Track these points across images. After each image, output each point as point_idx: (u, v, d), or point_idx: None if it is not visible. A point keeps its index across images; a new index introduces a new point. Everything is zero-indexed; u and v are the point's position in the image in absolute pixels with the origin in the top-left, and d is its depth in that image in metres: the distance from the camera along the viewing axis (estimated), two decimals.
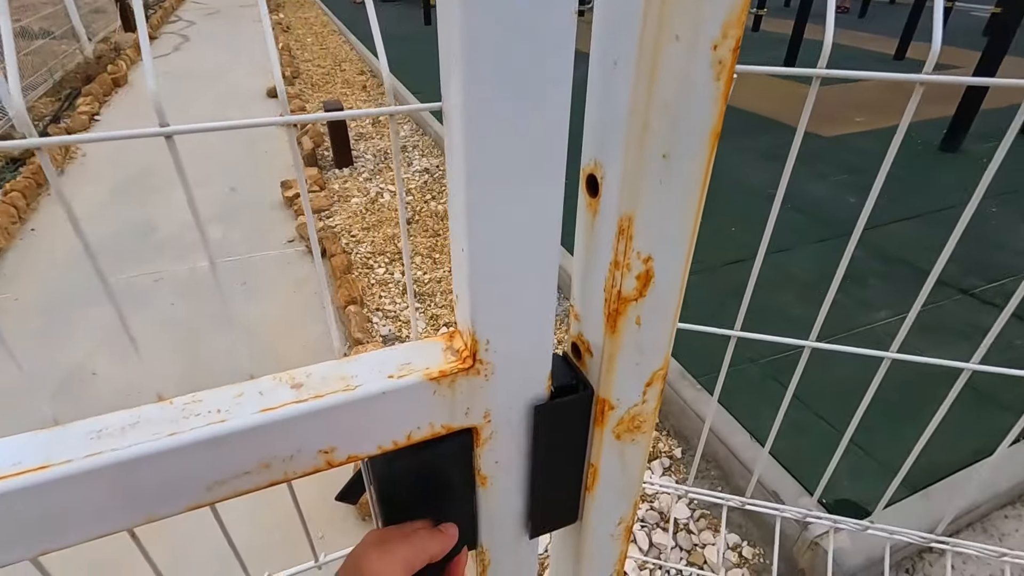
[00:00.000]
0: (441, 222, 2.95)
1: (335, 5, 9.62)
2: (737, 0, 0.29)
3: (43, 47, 5.33)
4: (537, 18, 0.28)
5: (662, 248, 0.36)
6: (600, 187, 0.36)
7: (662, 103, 0.31)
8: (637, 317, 0.39)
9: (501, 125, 0.31)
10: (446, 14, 0.28)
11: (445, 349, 0.40)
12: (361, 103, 4.82)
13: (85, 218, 3.00)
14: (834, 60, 6.07)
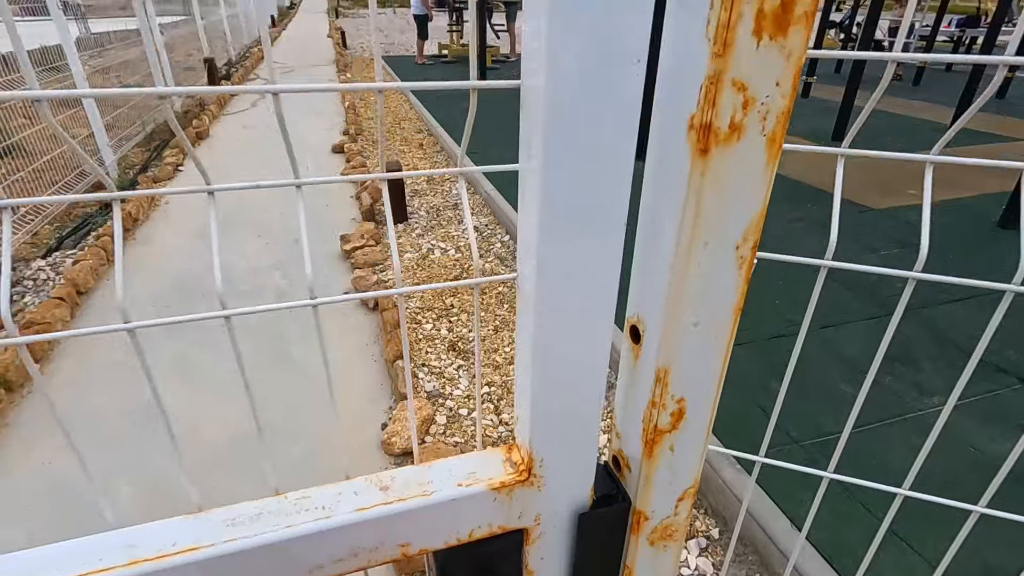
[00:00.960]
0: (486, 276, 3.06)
1: (397, 65, 10.29)
2: (755, 213, 0.37)
3: (139, 102, 5.92)
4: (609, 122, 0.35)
5: (693, 391, 0.43)
6: (641, 338, 0.44)
7: (694, 286, 0.38)
8: (671, 445, 0.45)
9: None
10: (531, 94, 0.35)
11: (504, 461, 0.48)
12: (418, 160, 5.10)
13: (165, 261, 3.27)
14: (886, 130, 6.03)
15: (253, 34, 14.38)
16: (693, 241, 0.36)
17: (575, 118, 0.33)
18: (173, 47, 7.39)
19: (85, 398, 2.20)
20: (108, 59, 5.58)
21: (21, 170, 3.70)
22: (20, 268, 3.27)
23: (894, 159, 0.54)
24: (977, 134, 5.82)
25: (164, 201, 4.10)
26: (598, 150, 0.34)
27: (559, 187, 0.35)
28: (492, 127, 5.74)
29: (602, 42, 0.31)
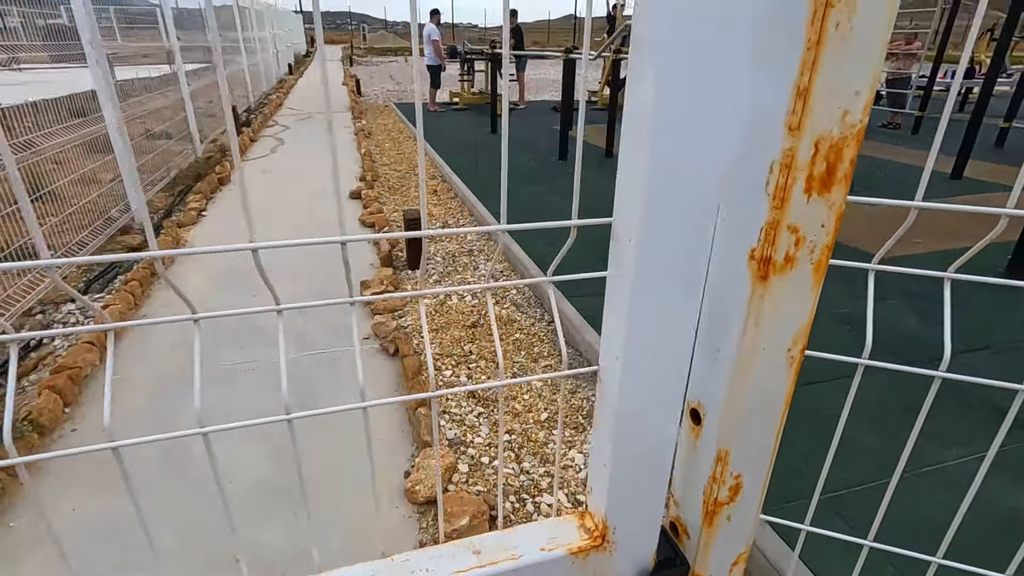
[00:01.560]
0: (505, 327, 3.13)
1: (411, 112, 10.66)
2: (803, 322, 0.44)
3: (164, 149, 6.16)
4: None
5: (749, 468, 0.50)
6: (702, 420, 0.51)
7: (752, 381, 0.45)
8: (728, 516, 0.51)
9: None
10: (623, 231, 0.42)
11: (579, 527, 0.54)
12: (432, 207, 5.25)
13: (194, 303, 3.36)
14: (887, 179, 6.18)
15: (271, 81, 14.95)
16: (753, 347, 0.44)
17: (661, 253, 0.41)
18: (195, 95, 7.71)
19: None
20: (134, 106, 5.83)
21: (52, 214, 3.85)
22: (49, 311, 3.37)
23: (881, 204, 0.59)
24: (980, 183, 5.95)
25: (189, 245, 4.22)
26: (675, 274, 0.42)
27: (645, 298, 0.42)
28: (511, 171, 5.92)
29: (686, 188, 0.40)
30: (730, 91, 0.37)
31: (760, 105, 0.37)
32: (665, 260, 0.41)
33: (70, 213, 4.05)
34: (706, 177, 0.39)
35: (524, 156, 7.18)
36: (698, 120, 0.38)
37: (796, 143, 0.37)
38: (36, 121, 3.89)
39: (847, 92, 0.36)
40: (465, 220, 4.90)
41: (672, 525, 0.57)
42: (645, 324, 0.44)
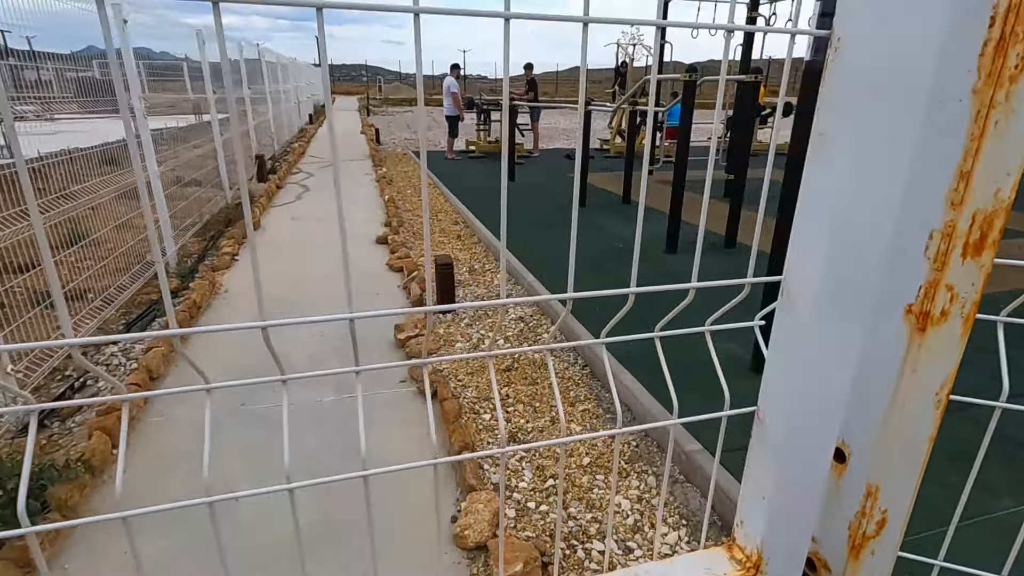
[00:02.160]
0: (539, 370, 3.17)
1: (430, 159, 10.99)
2: (951, 369, 0.50)
3: (196, 196, 6.38)
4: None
5: (894, 503, 0.54)
6: (847, 459, 0.55)
7: (901, 424, 0.51)
8: (873, 550, 0.56)
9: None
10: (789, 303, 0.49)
11: (729, 559, 0.58)
12: (457, 251, 5.37)
13: (228, 348, 3.44)
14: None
15: (293, 130, 15.52)
16: (907, 392, 0.49)
17: (827, 309, 0.47)
18: (224, 144, 8.03)
19: (161, 480, 2.27)
20: (163, 154, 6.07)
21: (91, 257, 3.97)
22: (91, 353, 3.45)
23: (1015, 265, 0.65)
24: None
25: (224, 290, 4.34)
26: (837, 327, 0.48)
27: (808, 348, 0.48)
28: (526, 216, 6.08)
29: (854, 252, 0.46)
30: (898, 174, 0.44)
31: (926, 185, 0.44)
32: (830, 315, 0.47)
33: (108, 257, 4.19)
34: (873, 244, 0.46)
35: (543, 202, 7.36)
36: (869, 198, 0.44)
37: (956, 216, 0.44)
38: (71, 171, 4.04)
39: (1000, 173, 0.43)
40: (491, 265, 5.00)
41: (809, 561, 0.61)
42: (806, 371, 0.49)
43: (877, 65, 0.42)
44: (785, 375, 0.49)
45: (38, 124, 4.13)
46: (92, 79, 4.62)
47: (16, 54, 3.87)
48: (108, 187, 4.34)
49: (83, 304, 3.74)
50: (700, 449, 2.36)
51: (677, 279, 4.45)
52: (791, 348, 0.48)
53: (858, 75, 0.43)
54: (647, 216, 5.50)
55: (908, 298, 0.47)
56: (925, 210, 0.45)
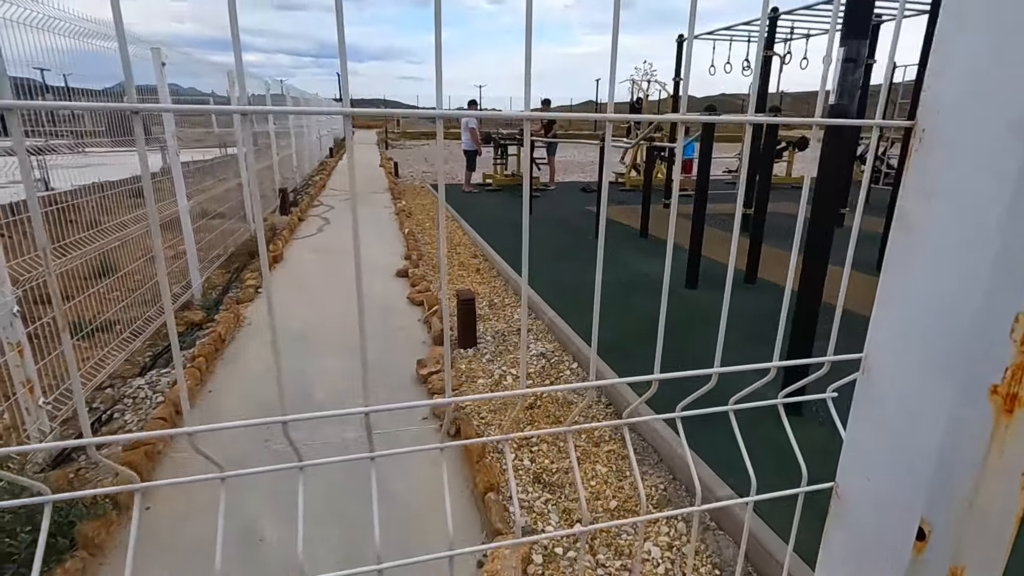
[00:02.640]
0: (562, 408, 3.14)
1: (447, 192, 11.17)
2: None
3: (225, 228, 6.53)
4: None
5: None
6: (927, 537, 0.54)
7: (986, 505, 0.50)
8: None
9: None
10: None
11: None
12: (477, 285, 5.40)
13: (252, 381, 3.46)
14: None
15: (314, 164, 15.91)
16: (993, 472, 0.48)
17: (909, 387, 0.47)
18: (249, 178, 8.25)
19: (184, 523, 2.27)
20: (191, 187, 6.22)
21: (119, 289, 4.04)
22: (118, 386, 3.49)
23: None
24: None
25: (248, 323, 4.39)
26: (919, 405, 0.48)
27: (889, 427, 0.48)
28: (545, 249, 6.11)
29: (936, 334, 0.46)
30: (984, 256, 0.45)
31: (1011, 267, 0.44)
32: (913, 393, 0.47)
33: (135, 290, 4.26)
34: (958, 324, 0.46)
35: (561, 235, 7.41)
36: (954, 280, 0.45)
37: None
38: (102, 204, 4.14)
39: None
40: (511, 299, 5.01)
41: None
42: (889, 448, 0.49)
43: (963, 153, 0.43)
44: (866, 452, 0.49)
45: (71, 157, 4.28)
46: (123, 114, 4.78)
47: (53, 90, 4.04)
48: (138, 223, 4.46)
49: (111, 336, 3.81)
50: (730, 495, 2.30)
51: (699, 315, 4.42)
52: (872, 425, 0.48)
53: (943, 162, 0.44)
54: (664, 251, 5.52)
55: (994, 379, 0.47)
56: (1011, 293, 0.45)
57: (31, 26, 2.84)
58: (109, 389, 3.45)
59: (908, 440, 0.49)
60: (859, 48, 2.30)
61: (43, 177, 3.80)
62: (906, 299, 0.45)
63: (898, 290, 0.46)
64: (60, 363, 3.09)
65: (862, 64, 2.35)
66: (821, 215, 2.61)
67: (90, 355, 3.50)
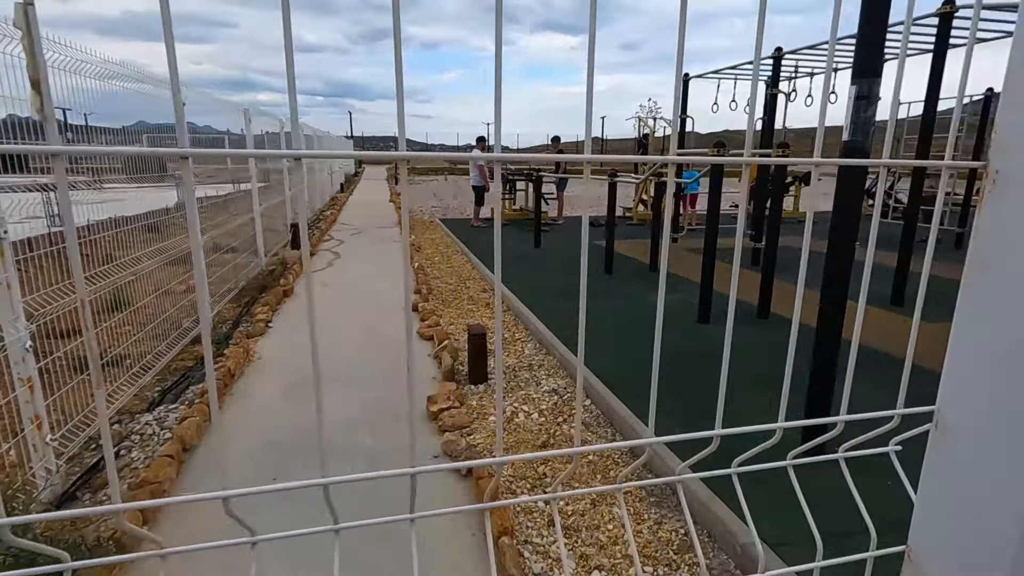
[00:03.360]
0: None
1: (455, 227, 11.26)
2: None
3: (239, 262, 6.58)
4: None
5: None
6: None
7: None
8: None
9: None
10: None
11: None
12: (485, 319, 5.37)
13: (261, 417, 3.41)
14: (939, 294, 6.05)
15: (325, 199, 16.15)
16: None
17: (985, 443, 0.44)
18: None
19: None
20: (204, 222, 6.28)
21: (129, 323, 4.04)
22: (126, 421, 3.45)
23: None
24: None
25: (257, 357, 4.37)
26: (997, 462, 0.44)
27: (966, 482, 0.44)
28: (553, 284, 6.09)
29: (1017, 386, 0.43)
30: None
31: None
32: (993, 449, 0.44)
33: (145, 324, 4.26)
34: None
35: (569, 269, 7.41)
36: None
37: None
38: (117, 238, 4.17)
39: None
40: (520, 334, 4.97)
41: None
42: (968, 507, 0.45)
43: None
44: (943, 513, 0.45)
45: (88, 193, 4.34)
46: (141, 151, 4.87)
47: (73, 128, 4.13)
48: (151, 257, 4.50)
49: (121, 371, 3.79)
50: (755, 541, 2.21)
51: (712, 349, 4.36)
52: (949, 484, 0.45)
53: (1019, 206, 0.42)
54: (676, 284, 5.47)
55: None
56: None
57: (63, 70, 2.93)
58: (116, 425, 3.41)
59: (992, 503, 0.45)
60: (871, 86, 2.32)
61: (58, 212, 3.84)
62: (984, 348, 0.42)
63: (975, 338, 0.43)
64: (67, 399, 3.07)
65: (874, 102, 2.36)
66: (838, 249, 2.58)
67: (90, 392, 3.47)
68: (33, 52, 2.10)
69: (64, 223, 0.43)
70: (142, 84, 4.34)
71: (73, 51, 3.01)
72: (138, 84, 4.29)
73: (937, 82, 4.98)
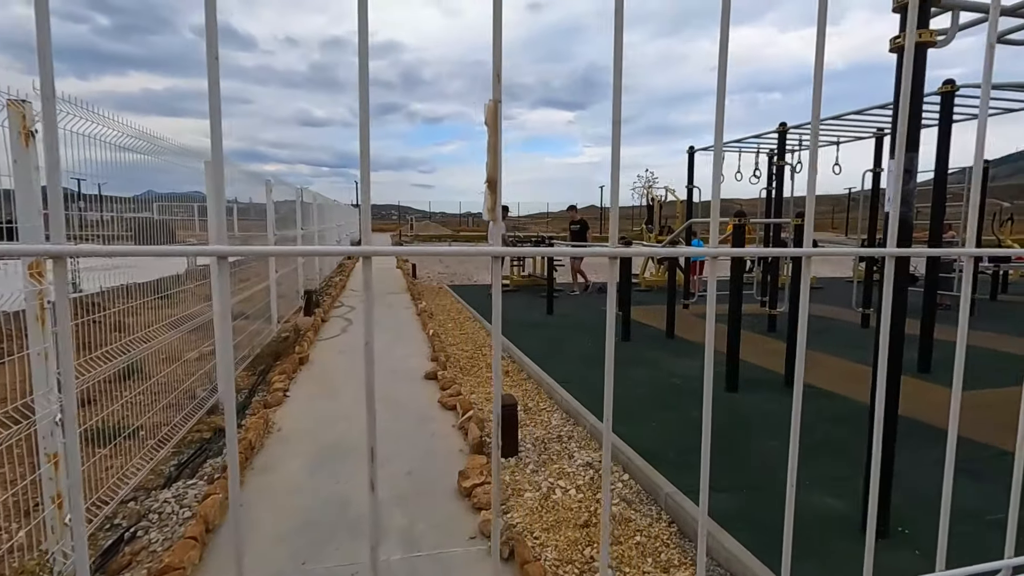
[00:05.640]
0: (620, 527, 2.90)
1: (465, 293, 11.29)
2: None
3: (254, 329, 6.53)
4: None
5: None
6: None
7: None
8: None
9: None
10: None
11: None
12: (507, 388, 5.26)
13: (285, 493, 3.25)
14: (984, 366, 5.81)
15: (333, 266, 16.31)
16: None
17: None
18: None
19: None
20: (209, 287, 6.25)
21: (144, 392, 3.92)
22: (142, 499, 3.28)
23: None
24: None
25: (277, 428, 4.24)
26: None
27: None
28: (572, 350, 5.99)
29: None
30: None
31: None
32: None
33: (160, 393, 4.14)
34: None
35: (585, 335, 7.37)
36: None
37: None
38: (128, 306, 4.08)
39: None
40: (544, 403, 4.86)
41: None
42: None
43: None
44: None
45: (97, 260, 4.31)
46: (150, 219, 4.91)
47: (86, 198, 4.15)
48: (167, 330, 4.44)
49: (136, 444, 3.65)
50: None
51: (742, 418, 4.24)
52: None
53: None
54: (695, 351, 5.39)
55: None
56: None
57: (82, 135, 2.95)
58: (132, 503, 3.24)
59: None
60: (912, 160, 2.38)
61: (73, 279, 3.83)
62: None
63: None
64: (89, 476, 2.93)
65: (916, 173, 2.42)
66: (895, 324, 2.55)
67: (111, 463, 3.33)
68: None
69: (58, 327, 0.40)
70: (158, 155, 4.39)
71: (93, 115, 3.02)
72: (151, 156, 4.30)
73: (945, 155, 5.15)
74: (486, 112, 0.52)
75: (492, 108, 0.51)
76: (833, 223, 42.00)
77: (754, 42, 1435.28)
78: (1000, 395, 4.70)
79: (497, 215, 0.56)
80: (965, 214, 9.94)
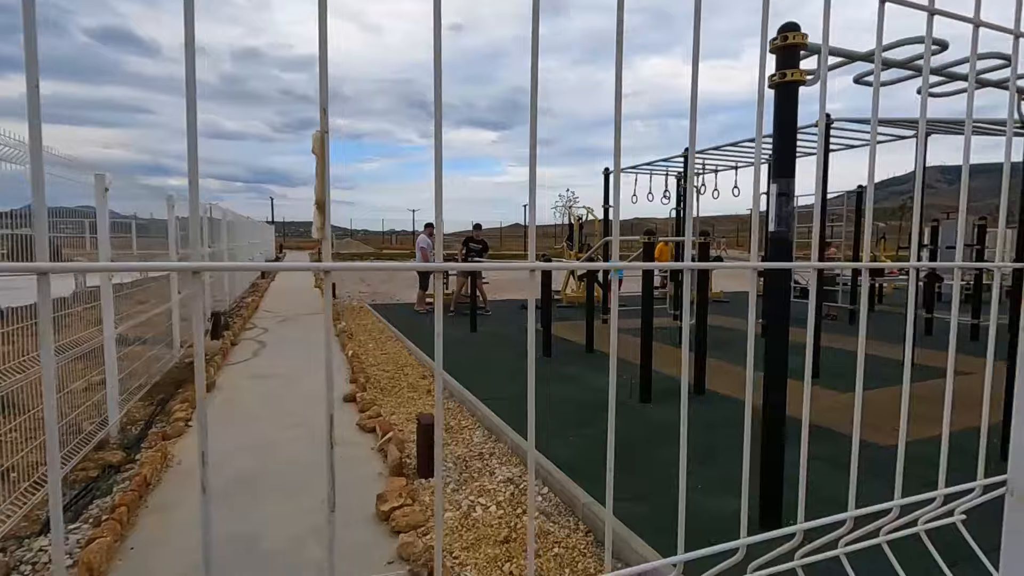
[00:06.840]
0: (540, 540, 2.93)
1: (389, 313, 11.06)
2: None
3: (151, 355, 6.03)
4: None
5: None
6: None
7: None
8: None
9: None
10: None
11: None
12: (428, 407, 5.20)
13: (186, 530, 3.02)
14: (845, 366, 6.55)
15: (245, 286, 15.44)
16: None
17: None
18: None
19: None
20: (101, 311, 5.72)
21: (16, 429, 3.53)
22: (12, 549, 2.93)
23: None
24: (928, 368, 6.49)
25: (177, 462, 3.93)
26: None
27: None
28: (494, 366, 6.03)
29: None
30: None
31: None
32: None
33: (38, 428, 3.74)
34: None
35: (507, 351, 7.44)
36: None
37: None
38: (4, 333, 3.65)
39: None
40: (467, 421, 4.84)
41: None
42: None
43: None
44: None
45: None
46: (30, 236, 4.43)
47: None
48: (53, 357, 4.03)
49: (6, 487, 3.26)
50: None
51: (657, 430, 4.44)
52: None
53: None
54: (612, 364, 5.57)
55: None
56: None
57: None
58: (1, 554, 2.88)
59: None
60: (788, 184, 2.65)
61: None
62: None
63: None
64: None
65: (792, 196, 2.69)
66: (775, 330, 2.80)
67: None
68: None
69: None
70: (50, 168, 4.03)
71: None
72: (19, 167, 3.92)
73: (825, 180, 5.74)
74: (313, 142, 0.54)
75: (319, 138, 0.54)
76: (738, 240, 45.36)
77: (665, 71, 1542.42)
78: (877, 395, 5.23)
79: (326, 233, 0.59)
80: (844, 233, 11.07)
